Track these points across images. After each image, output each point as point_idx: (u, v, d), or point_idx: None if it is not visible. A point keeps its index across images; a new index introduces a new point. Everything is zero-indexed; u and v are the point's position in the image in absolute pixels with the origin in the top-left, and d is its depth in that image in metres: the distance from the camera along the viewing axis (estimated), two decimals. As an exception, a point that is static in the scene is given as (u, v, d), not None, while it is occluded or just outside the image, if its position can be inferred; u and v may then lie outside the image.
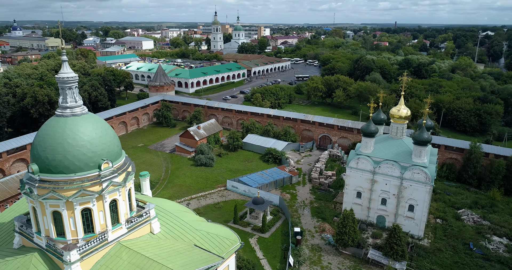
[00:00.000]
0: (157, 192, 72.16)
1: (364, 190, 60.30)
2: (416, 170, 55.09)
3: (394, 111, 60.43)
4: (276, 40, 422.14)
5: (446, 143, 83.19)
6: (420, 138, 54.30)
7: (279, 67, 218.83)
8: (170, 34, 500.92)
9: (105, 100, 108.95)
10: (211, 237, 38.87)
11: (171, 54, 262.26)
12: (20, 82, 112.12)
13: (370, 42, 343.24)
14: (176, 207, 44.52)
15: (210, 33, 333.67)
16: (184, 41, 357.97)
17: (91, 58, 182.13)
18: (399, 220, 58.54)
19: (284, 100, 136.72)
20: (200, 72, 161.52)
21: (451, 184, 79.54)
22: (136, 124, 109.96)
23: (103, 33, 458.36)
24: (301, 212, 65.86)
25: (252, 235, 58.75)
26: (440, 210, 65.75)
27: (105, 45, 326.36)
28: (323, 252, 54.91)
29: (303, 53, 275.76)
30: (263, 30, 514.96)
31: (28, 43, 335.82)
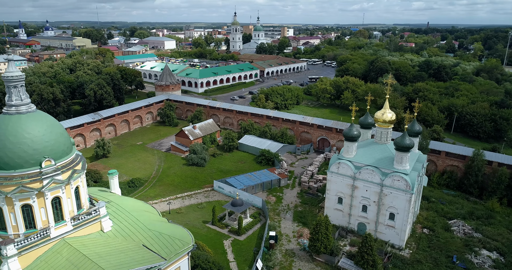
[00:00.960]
0: (144, 190, 73.08)
1: (345, 196, 58.41)
2: (396, 177, 52.70)
3: (378, 115, 58.17)
4: (298, 41, 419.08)
5: (447, 150, 79.33)
6: (402, 143, 51.90)
7: (295, 68, 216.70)
8: (194, 34, 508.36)
9: (110, 98, 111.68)
10: (162, 237, 38.73)
11: (190, 54, 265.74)
12: (34, 80, 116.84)
13: (395, 43, 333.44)
14: (139, 206, 44.79)
15: (244, 33, 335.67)
16: (205, 41, 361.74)
17: (109, 57, 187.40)
18: (379, 228, 56.28)
19: (291, 101, 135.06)
20: (210, 72, 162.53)
21: (450, 193, 75.75)
22: (139, 123, 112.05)
23: (129, 33, 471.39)
24: (283, 216, 64.66)
25: (227, 237, 58.25)
26: (430, 219, 62.64)
27: (129, 45, 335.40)
28: (296, 258, 53.60)
29: (322, 54, 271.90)
30: (286, 31, 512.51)
31: (58, 42, 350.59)
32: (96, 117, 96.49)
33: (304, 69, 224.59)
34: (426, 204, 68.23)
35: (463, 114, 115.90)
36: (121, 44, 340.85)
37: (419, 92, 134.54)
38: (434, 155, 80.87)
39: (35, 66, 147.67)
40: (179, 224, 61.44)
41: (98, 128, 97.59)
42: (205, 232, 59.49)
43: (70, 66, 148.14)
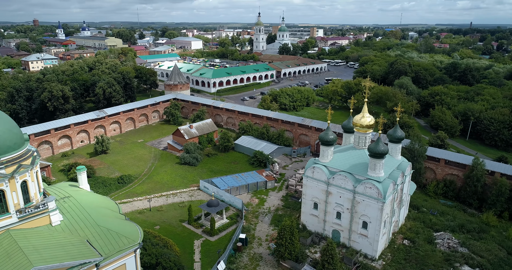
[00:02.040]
0: (133, 186, 74.81)
1: (320, 202, 56.75)
2: (368, 184, 50.49)
3: (356, 119, 56.02)
4: (326, 41, 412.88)
5: (446, 157, 75.01)
6: (375, 150, 49.62)
7: (314, 69, 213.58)
8: (222, 35, 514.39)
9: (119, 96, 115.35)
10: (109, 234, 39.38)
11: (213, 54, 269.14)
12: (52, 78, 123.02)
13: (429, 44, 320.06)
14: (99, 202, 45.80)
15: (270, 33, 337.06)
16: (231, 41, 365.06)
17: (130, 56, 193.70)
18: (353, 237, 54.20)
19: (300, 102, 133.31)
20: (224, 73, 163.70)
21: (447, 203, 71.62)
22: (145, 121, 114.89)
23: (161, 33, 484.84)
24: (261, 219, 63.90)
25: (199, 237, 58.39)
26: (413, 230, 59.48)
27: (156, 45, 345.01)
28: (263, 262, 52.78)
29: (346, 55, 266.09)
30: (315, 31, 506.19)
31: (91, 42, 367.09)
32: (100, 114, 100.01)
33: (324, 70, 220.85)
34: (414, 214, 64.89)
35: (480, 120, 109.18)
36: (150, 44, 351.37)
37: (436, 96, 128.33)
38: (433, 163, 76.76)
39: (59, 65, 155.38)
40: (156, 221, 62.76)
41: (103, 125, 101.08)
42: (179, 231, 59.97)
43: (90, 64, 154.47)
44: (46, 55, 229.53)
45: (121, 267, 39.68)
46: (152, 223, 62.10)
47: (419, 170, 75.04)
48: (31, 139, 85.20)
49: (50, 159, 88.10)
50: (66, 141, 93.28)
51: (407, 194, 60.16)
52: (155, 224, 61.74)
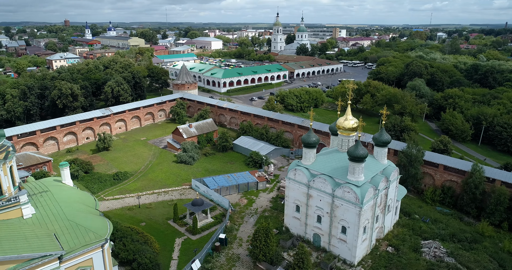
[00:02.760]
0: (127, 183, 76.46)
1: (301, 204, 56.02)
2: (346, 189, 49.35)
3: (340, 121, 54.92)
4: (347, 42, 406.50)
5: (445, 163, 72.15)
6: (354, 153, 48.46)
7: (328, 70, 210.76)
8: (245, 35, 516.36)
9: (126, 95, 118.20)
10: (77, 229, 40.43)
11: (230, 54, 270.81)
12: (65, 77, 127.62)
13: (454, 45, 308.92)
14: (76, 198, 47.02)
15: (290, 33, 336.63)
16: (251, 42, 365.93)
17: (147, 56, 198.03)
18: (333, 241, 53.14)
19: (307, 103, 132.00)
20: (235, 73, 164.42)
21: (444, 211, 68.92)
22: (151, 119, 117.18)
23: (183, 33, 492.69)
24: (246, 219, 63.79)
25: (181, 236, 59.00)
26: (400, 237, 57.58)
27: (177, 44, 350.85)
28: (239, 263, 52.69)
29: (365, 56, 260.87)
30: (338, 31, 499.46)
31: (116, 42, 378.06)
32: (106, 112, 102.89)
33: (340, 71, 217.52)
34: (405, 221, 62.80)
35: (492, 125, 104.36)
36: (171, 44, 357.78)
37: (449, 99, 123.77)
38: (432, 168, 74.05)
39: (76, 64, 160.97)
40: (143, 218, 63.86)
41: (108, 122, 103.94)
42: (163, 229, 60.81)
43: (106, 64, 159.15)
44: (69, 54, 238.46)
45: (87, 261, 40.63)
46: (139, 219, 63.29)
47: (415, 175, 72.67)
48: (37, 135, 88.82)
49: (55, 154, 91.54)
50: (72, 137, 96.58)
51: (394, 200, 58.33)
52: (141, 221, 62.90)
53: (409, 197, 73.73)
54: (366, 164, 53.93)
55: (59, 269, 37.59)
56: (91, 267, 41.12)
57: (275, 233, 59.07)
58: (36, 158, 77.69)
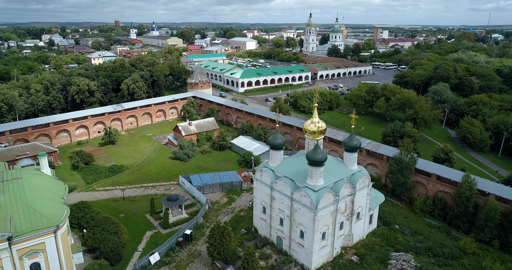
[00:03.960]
0: (121, 176, 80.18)
1: (267, 206, 55.79)
2: (303, 192, 48.50)
3: (306, 124, 53.96)
4: (387, 43, 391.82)
5: (438, 173, 67.98)
6: (312, 157, 47.52)
7: (356, 72, 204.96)
8: (284, 35, 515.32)
9: (141, 92, 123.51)
10: (33, 214, 43.54)
11: (260, 54, 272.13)
12: (90, 74, 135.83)
13: (504, 48, 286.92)
14: (45, 186, 50.49)
15: (326, 34, 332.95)
16: (286, 42, 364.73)
17: (175, 55, 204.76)
18: (292, 245, 52.42)
19: (320, 106, 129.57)
20: (254, 73, 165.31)
21: (432, 223, 65.06)
22: (163, 116, 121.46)
23: (222, 33, 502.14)
24: (220, 218, 64.53)
25: (153, 229, 61.07)
26: (369, 247, 55.36)
27: (212, 44, 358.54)
28: (199, 259, 53.66)
29: (399, 58, 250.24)
30: (379, 32, 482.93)
31: (156, 41, 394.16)
32: (117, 108, 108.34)
33: (368, 73, 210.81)
34: (382, 230, 60.21)
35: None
36: (207, 43, 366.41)
37: (473, 105, 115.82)
38: (425, 178, 70.11)
39: (107, 61, 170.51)
40: (124, 210, 66.77)
41: (119, 118, 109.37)
42: (139, 221, 63.27)
43: (132, 62, 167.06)
44: (106, 53, 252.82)
45: (40, 245, 43.59)
46: (120, 211, 66.30)
47: (405, 184, 69.26)
48: (50, 127, 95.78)
49: (66, 146, 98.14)
50: (84, 131, 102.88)
51: (365, 208, 56.14)
52: (121, 212, 65.85)
53: (397, 206, 70.58)
54: (330, 168, 52.76)
55: (8, 249, 40.85)
56: (43, 251, 44.07)
57: (243, 233, 59.41)
58: (43, 148, 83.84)
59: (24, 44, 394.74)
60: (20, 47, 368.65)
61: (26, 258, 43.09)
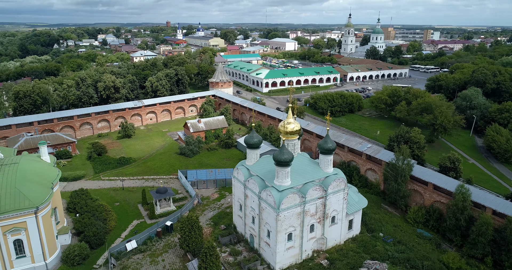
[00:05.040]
0: (127, 168, 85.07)
1: (242, 203, 56.68)
2: (268, 192, 48.84)
3: (280, 125, 54.04)
4: (435, 45, 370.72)
5: (434, 181, 64.41)
6: (278, 157, 47.77)
7: (390, 74, 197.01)
8: (328, 36, 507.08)
9: (163, 90, 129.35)
10: (18, 195, 48.33)
11: (296, 55, 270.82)
12: (121, 71, 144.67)
13: None
14: (38, 171, 55.47)
15: (367, 35, 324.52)
16: (326, 43, 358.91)
17: (208, 55, 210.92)
18: (261, 244, 52.88)
19: (339, 108, 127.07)
20: (280, 74, 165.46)
21: (424, 234, 61.85)
22: (182, 114, 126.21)
23: (265, 34, 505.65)
24: (206, 213, 66.45)
25: (140, 218, 64.47)
26: (343, 253, 54.10)
27: (253, 45, 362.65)
28: (173, 250, 55.90)
29: (442, 61, 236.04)
30: (430, 33, 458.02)
31: (199, 42, 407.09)
32: (138, 104, 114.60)
33: (404, 76, 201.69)
34: (364, 237, 58.46)
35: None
36: (247, 44, 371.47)
37: (505, 112, 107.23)
38: (421, 186, 66.71)
39: (144, 60, 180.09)
40: (120, 199, 71.02)
41: (140, 113, 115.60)
42: (130, 210, 67.06)
43: (164, 61, 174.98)
44: (147, 52, 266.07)
45: (22, 223, 48.32)
46: (116, 200, 70.68)
47: (398, 191, 66.41)
48: (74, 120, 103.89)
49: (88, 137, 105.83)
50: (105, 124, 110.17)
51: (341, 212, 54.90)
52: (117, 201, 70.17)
53: (391, 214, 67.79)
54: (303, 170, 52.48)
55: (-9, 225, 45.80)
56: (25, 229, 48.76)
57: (222, 228, 60.77)
58: (63, 139, 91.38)
59: (81, 43, 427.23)
60: (77, 46, 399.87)
61: (9, 235, 48.01)
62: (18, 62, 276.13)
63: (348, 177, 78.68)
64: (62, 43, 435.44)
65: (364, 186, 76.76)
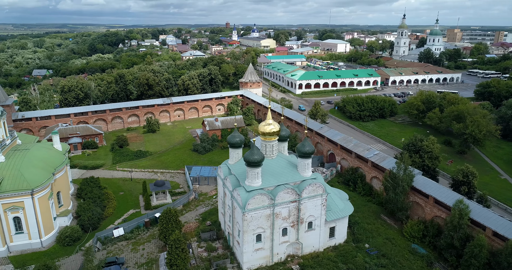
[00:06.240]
0: (141, 161, 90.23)
1: (223, 201, 57.63)
2: (237, 191, 49.23)
3: (260, 125, 53.95)
4: (506, 48, 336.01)
5: (435, 195, 59.61)
6: (247, 158, 48.02)
7: (440, 79, 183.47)
8: (386, 38, 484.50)
9: (194, 88, 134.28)
10: (19, 177, 54.30)
11: (344, 57, 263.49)
12: (161, 70, 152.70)
13: None
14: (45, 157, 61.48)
15: (423, 37, 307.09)
16: (380, 45, 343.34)
17: (250, 55, 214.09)
18: (234, 242, 53.41)
19: (368, 112, 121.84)
20: (315, 75, 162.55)
21: (419, 250, 57.61)
22: (209, 112, 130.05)
23: (319, 35, 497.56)
24: (198, 208, 68.43)
25: (137, 208, 68.37)
26: (318, 260, 52.46)
27: (303, 46, 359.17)
28: (155, 241, 58.55)
29: (505, 66, 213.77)
30: (503, 35, 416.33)
31: (252, 42, 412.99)
32: (166, 101, 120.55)
33: (456, 81, 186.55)
34: (346, 246, 56.05)
35: None
36: (298, 45, 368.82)
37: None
38: (423, 199, 62.11)
39: (186, 59, 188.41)
40: (125, 189, 76.04)
41: (168, 110, 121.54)
42: (131, 200, 71.36)
43: (205, 60, 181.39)
44: (197, 52, 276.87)
45: (20, 203, 54.14)
46: (121, 189, 75.55)
47: (395, 202, 62.45)
48: (106, 113, 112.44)
49: (119, 130, 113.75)
50: (135, 119, 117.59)
51: (319, 218, 53.22)
52: (122, 191, 75.00)
53: (388, 226, 63.88)
54: (278, 172, 52.07)
55: (-8, 201, 52.03)
56: (23, 208, 54.53)
57: (207, 224, 62.20)
58: (92, 130, 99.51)
59: (143, 43, 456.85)
60: (139, 45, 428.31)
61: (9, 212, 54.07)
62: (84, 59, 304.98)
63: (353, 184, 75.75)
64: (127, 43, 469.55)
65: (368, 194, 73.20)
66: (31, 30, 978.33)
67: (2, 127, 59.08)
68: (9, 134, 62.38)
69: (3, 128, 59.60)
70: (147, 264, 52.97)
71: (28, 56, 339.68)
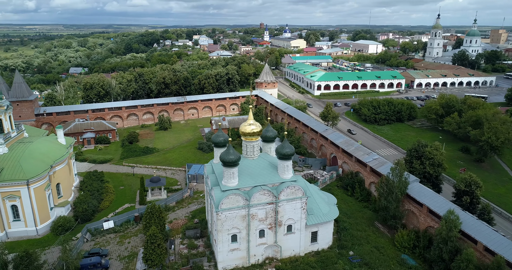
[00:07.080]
0: (147, 157, 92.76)
1: (208, 199, 58.10)
2: (213, 191, 49.40)
3: (241, 126, 53.77)
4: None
5: (428, 204, 56.62)
6: (223, 157, 48.13)
7: (471, 82, 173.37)
8: (421, 39, 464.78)
9: (209, 87, 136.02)
10: (17, 168, 57.77)
11: (370, 58, 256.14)
12: (182, 69, 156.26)
13: None
14: (46, 150, 64.85)
15: (460, 38, 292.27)
16: (414, 46, 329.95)
17: (274, 56, 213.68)
18: (213, 242, 53.66)
19: (384, 115, 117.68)
20: (335, 77, 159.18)
21: (408, 261, 55.10)
22: (223, 111, 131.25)
23: (353, 35, 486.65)
24: (191, 206, 69.35)
25: (132, 203, 70.42)
26: (296, 265, 51.59)
27: (333, 46, 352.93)
28: (142, 235, 59.93)
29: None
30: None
31: (282, 43, 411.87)
32: (180, 99, 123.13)
33: (489, 85, 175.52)
34: (330, 252, 54.54)
35: None
36: (328, 45, 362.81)
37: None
38: (417, 207, 59.21)
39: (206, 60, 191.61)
40: (125, 184, 78.59)
41: (182, 108, 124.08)
42: (128, 195, 73.62)
43: (227, 60, 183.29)
44: (223, 52, 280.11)
45: (17, 192, 57.55)
46: (122, 184, 78.13)
47: (387, 209, 59.89)
48: (122, 110, 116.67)
49: (134, 127, 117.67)
50: (150, 116, 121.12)
51: (299, 222, 52.20)
52: (122, 185, 77.54)
53: (380, 234, 61.53)
54: (257, 173, 51.78)
55: (-10, 190, 55.68)
56: (19, 197, 57.90)
57: (195, 222, 62.91)
58: (105, 126, 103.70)
59: (177, 43, 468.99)
60: (172, 45, 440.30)
61: (7, 200, 57.62)
62: (119, 58, 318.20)
63: (351, 189, 73.57)
64: (161, 43, 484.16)
65: (366, 200, 70.82)
66: (79, 30, 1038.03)
67: (7, 120, 63.02)
68: (16, 127, 66.43)
69: (9, 121, 63.55)
70: (129, 257, 54.47)
71: (70, 55, 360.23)
